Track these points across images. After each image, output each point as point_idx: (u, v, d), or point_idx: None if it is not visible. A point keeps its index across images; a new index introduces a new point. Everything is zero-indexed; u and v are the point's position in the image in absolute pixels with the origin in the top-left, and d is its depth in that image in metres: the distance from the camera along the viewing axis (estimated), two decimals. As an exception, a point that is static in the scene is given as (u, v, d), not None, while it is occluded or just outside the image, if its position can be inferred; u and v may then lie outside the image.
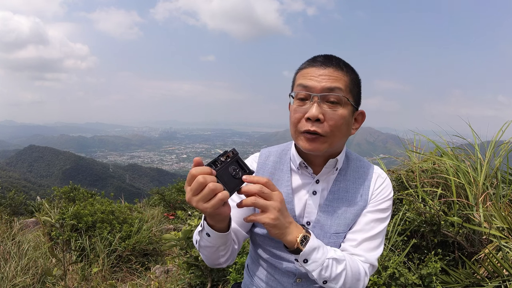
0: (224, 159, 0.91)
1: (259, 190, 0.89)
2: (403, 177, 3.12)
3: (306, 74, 1.05)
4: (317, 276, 0.98)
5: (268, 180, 0.92)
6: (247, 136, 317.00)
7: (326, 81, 1.02)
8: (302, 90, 1.05)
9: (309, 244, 0.95)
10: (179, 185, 8.61)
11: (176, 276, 3.19)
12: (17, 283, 3.12)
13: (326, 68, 1.04)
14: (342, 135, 1.07)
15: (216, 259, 1.09)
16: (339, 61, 1.07)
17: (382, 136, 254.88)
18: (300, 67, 1.11)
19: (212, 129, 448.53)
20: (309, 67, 1.07)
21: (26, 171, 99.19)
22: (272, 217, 0.90)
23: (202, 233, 1.03)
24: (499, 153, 3.12)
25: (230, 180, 0.90)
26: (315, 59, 1.08)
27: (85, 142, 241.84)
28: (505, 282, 2.10)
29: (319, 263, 0.96)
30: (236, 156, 0.94)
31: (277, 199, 0.91)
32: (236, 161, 0.94)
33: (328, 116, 1.02)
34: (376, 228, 1.11)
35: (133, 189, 59.47)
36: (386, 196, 1.14)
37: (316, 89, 1.02)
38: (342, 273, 0.99)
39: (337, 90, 1.02)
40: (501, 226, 2.40)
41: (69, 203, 5.92)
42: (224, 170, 0.90)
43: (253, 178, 0.91)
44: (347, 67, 1.07)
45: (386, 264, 2.34)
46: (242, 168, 0.94)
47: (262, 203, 0.89)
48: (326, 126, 1.02)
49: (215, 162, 0.90)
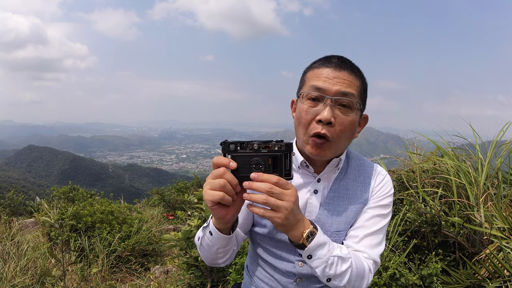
0: (257, 146, 0.86)
1: (268, 189, 0.85)
2: (403, 177, 3.12)
3: (320, 75, 1.04)
4: (320, 273, 0.97)
5: (279, 179, 0.86)
6: (247, 136, 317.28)
7: (341, 85, 1.02)
8: (315, 91, 1.03)
9: (315, 240, 0.94)
10: (179, 185, 8.60)
11: (176, 277, 3.18)
12: (16, 283, 3.11)
13: (341, 71, 1.03)
14: (347, 139, 1.08)
15: (215, 259, 1.10)
16: (352, 65, 1.06)
17: (382, 136, 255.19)
18: (312, 66, 1.09)
19: (212, 129, 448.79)
20: (323, 67, 1.05)
21: (25, 171, 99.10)
22: (282, 217, 0.87)
23: (206, 230, 1.04)
24: (500, 153, 3.12)
25: (243, 170, 0.86)
26: (329, 60, 1.06)
27: (84, 142, 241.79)
28: (506, 282, 2.10)
29: (323, 260, 0.95)
30: (277, 152, 0.86)
31: (289, 199, 0.87)
32: (273, 157, 0.87)
33: (338, 120, 1.02)
34: (378, 224, 1.11)
35: (133, 189, 59.46)
36: (386, 193, 1.15)
37: (330, 92, 1.01)
38: (347, 271, 0.98)
39: (351, 95, 1.02)
40: (502, 227, 2.39)
41: (68, 203, 5.91)
42: (245, 158, 0.86)
43: (262, 176, 0.86)
44: (359, 72, 1.07)
45: (387, 264, 2.33)
46: (275, 167, 0.87)
47: (273, 203, 0.85)
48: (336, 131, 1.02)
49: (246, 144, 0.86)
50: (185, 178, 10.34)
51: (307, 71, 1.10)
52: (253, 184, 0.85)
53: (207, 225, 1.04)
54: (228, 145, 0.87)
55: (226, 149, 0.88)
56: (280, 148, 0.87)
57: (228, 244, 1.04)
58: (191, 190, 7.99)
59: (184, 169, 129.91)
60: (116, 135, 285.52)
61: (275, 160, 0.87)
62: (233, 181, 0.86)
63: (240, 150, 0.87)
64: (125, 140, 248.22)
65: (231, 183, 0.86)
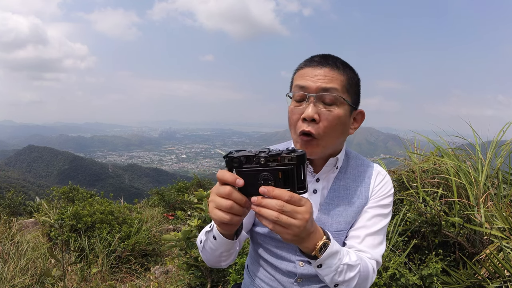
0: (264, 161, 0.77)
1: (279, 207, 0.78)
2: (403, 178, 3.12)
3: (303, 75, 1.05)
4: (329, 280, 0.96)
5: (291, 196, 0.79)
6: (247, 136, 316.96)
7: (322, 81, 1.02)
8: (298, 90, 1.04)
9: (328, 251, 0.91)
10: (179, 185, 8.61)
11: (176, 277, 3.17)
12: (16, 284, 3.11)
13: (322, 68, 1.04)
14: (337, 135, 1.06)
15: (217, 262, 1.09)
16: (336, 60, 1.06)
17: (382, 136, 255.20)
18: (297, 68, 1.11)
19: (212, 129, 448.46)
20: (306, 67, 1.06)
21: (25, 171, 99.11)
22: (292, 234, 0.82)
23: (209, 234, 1.02)
24: (500, 153, 3.12)
25: (251, 186, 0.79)
26: (312, 59, 1.08)
27: (84, 142, 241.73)
28: (507, 283, 2.10)
29: (333, 269, 0.93)
30: (287, 166, 0.77)
31: (302, 217, 0.80)
32: (283, 171, 0.78)
33: (323, 116, 1.02)
34: (378, 224, 1.11)
35: (133, 189, 59.42)
36: (386, 193, 1.15)
37: (311, 89, 1.02)
38: (355, 277, 0.98)
39: (333, 90, 1.01)
40: (502, 227, 2.39)
41: (68, 203, 5.91)
42: (252, 173, 0.78)
43: (273, 192, 0.78)
44: (344, 66, 1.06)
45: (387, 264, 2.33)
46: (286, 181, 0.78)
47: (284, 221, 0.79)
48: (321, 127, 1.02)
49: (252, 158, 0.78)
50: (185, 178, 10.35)
51: (294, 73, 1.12)
52: (263, 202, 0.79)
53: (211, 229, 1.01)
54: (232, 160, 0.79)
55: (229, 163, 0.80)
56: (290, 160, 0.77)
57: (231, 248, 1.03)
58: (191, 190, 8.00)
59: (184, 169, 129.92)
60: (116, 135, 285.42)
61: (286, 174, 0.78)
62: (241, 200, 0.81)
63: (246, 165, 0.79)
64: (125, 140, 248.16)
65: (239, 202, 0.81)
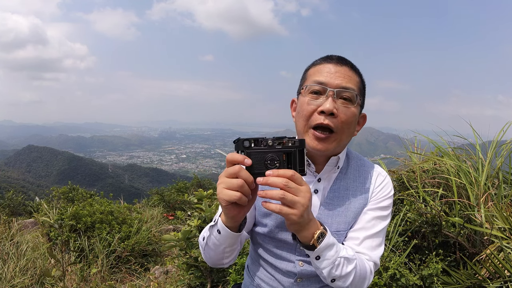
0: (271, 143, 0.85)
1: (285, 184, 0.83)
2: (404, 178, 3.11)
3: (322, 70, 1.08)
4: (326, 274, 0.97)
5: (294, 173, 0.85)
6: (247, 136, 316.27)
7: (342, 79, 1.05)
8: (317, 85, 1.06)
9: (325, 241, 0.94)
10: (179, 185, 8.61)
11: (176, 277, 3.17)
12: (16, 284, 3.10)
13: (342, 66, 1.07)
14: (349, 133, 1.09)
15: (220, 259, 1.09)
16: (351, 63, 1.10)
17: (382, 136, 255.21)
18: (313, 63, 1.13)
19: (212, 129, 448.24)
20: (324, 63, 1.09)
21: (24, 171, 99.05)
22: (298, 215, 0.85)
23: (213, 228, 1.03)
24: (500, 153, 3.11)
25: (257, 167, 0.85)
26: (330, 57, 1.11)
27: (84, 142, 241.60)
28: (507, 283, 2.09)
29: (331, 261, 0.95)
30: (291, 148, 0.86)
31: (305, 195, 0.85)
32: (287, 153, 0.85)
33: (341, 111, 1.04)
34: (378, 226, 1.12)
35: (132, 189, 59.40)
36: (386, 194, 1.15)
37: (332, 85, 1.05)
38: (351, 272, 0.99)
39: (351, 89, 1.06)
40: (503, 227, 2.39)
41: (68, 203, 5.91)
42: (260, 154, 0.85)
43: (278, 172, 0.84)
44: (358, 71, 1.11)
45: (387, 264, 2.33)
46: (289, 163, 0.86)
47: (290, 198, 0.83)
48: (339, 121, 1.04)
49: (261, 141, 0.85)
50: (185, 178, 10.35)
51: (308, 68, 1.14)
52: (269, 179, 0.84)
53: (215, 223, 1.03)
54: (243, 142, 0.86)
55: (240, 146, 0.87)
56: (294, 144, 0.86)
57: (235, 242, 1.04)
58: (191, 190, 8.00)
59: (184, 169, 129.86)
60: (116, 135, 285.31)
61: (289, 156, 0.86)
62: (249, 178, 0.85)
63: (254, 147, 0.86)
64: (124, 140, 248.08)
65: (247, 181, 0.85)
